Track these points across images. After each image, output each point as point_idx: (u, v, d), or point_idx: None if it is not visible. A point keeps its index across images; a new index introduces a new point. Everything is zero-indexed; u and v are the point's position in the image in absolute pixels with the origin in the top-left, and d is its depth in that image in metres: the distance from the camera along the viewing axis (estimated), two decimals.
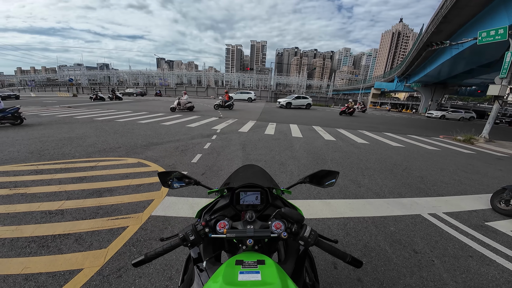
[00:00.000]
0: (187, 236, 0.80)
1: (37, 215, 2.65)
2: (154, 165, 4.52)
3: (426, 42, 19.40)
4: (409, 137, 10.21)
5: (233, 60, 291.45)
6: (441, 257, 2.33)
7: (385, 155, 6.44)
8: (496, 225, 3.03)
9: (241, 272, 0.68)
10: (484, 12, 13.38)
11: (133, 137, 6.84)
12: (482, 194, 4.08)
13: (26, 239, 2.24)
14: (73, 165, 4.28)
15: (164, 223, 2.62)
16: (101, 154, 5.02)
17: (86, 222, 2.56)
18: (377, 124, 15.17)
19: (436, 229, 2.84)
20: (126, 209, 2.86)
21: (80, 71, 65.66)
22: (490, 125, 10.82)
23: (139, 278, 1.84)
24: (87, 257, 2.05)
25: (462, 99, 61.09)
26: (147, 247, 2.22)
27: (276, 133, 8.75)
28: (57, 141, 5.95)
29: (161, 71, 68.14)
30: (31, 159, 4.50)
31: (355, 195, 3.68)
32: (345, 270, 2.05)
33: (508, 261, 2.32)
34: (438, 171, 5.29)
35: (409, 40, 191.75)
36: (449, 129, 13.84)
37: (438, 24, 16.39)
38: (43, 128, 7.59)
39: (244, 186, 1.03)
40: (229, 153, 5.61)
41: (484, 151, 8.42)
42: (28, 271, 1.86)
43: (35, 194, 3.13)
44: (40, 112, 12.17)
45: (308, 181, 1.21)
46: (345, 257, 0.80)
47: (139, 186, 3.52)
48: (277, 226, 0.82)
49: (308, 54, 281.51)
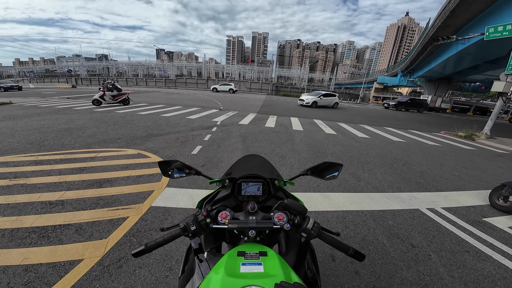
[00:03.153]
0: (188, 226, 0.79)
1: (38, 206, 2.66)
2: (154, 156, 4.52)
3: (432, 37, 18.99)
4: (410, 132, 10.17)
5: (234, 52, 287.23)
6: (438, 251, 2.35)
7: (386, 150, 6.43)
8: (493, 221, 3.05)
9: (243, 264, 0.67)
10: (493, 8, 13.04)
11: (133, 128, 6.81)
12: (481, 190, 4.09)
13: (26, 229, 2.25)
14: (73, 156, 4.28)
15: (164, 214, 2.64)
16: (101, 145, 5.01)
17: (86, 213, 2.57)
18: (379, 118, 15.08)
19: (434, 224, 2.86)
20: (126, 200, 2.88)
21: (79, 62, 64.78)
22: (492, 121, 10.74)
23: (139, 269, 1.87)
24: (87, 247, 2.06)
25: (465, 95, 60.49)
26: (148, 237, 2.24)
27: (276, 126, 8.71)
28: (56, 132, 5.94)
29: (161, 62, 67.23)
30: (31, 150, 4.49)
31: (355, 189, 3.69)
32: (342, 262, 2.07)
33: (504, 257, 2.34)
34: (438, 167, 5.29)
35: (414, 34, 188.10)
36: (451, 125, 13.76)
37: (445, 19, 15.99)
38: (42, 119, 7.56)
39: (246, 177, 1.02)
40: (229, 145, 5.60)
41: (485, 148, 8.39)
42: (28, 262, 1.86)
43: (35, 184, 3.14)
44: (40, 103, 12.10)
45: (310, 173, 1.20)
46: (347, 250, 0.79)
47: (139, 177, 3.52)
48: (280, 218, 0.81)
49: (311, 46, 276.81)
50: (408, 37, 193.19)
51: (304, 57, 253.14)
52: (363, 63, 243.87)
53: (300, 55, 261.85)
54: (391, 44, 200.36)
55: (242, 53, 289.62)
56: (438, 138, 9.44)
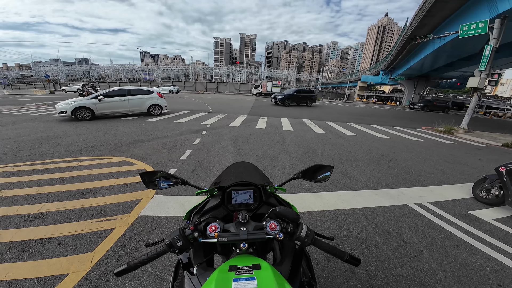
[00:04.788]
0: (174, 242, 0.74)
1: (16, 219, 2.49)
2: (141, 163, 4.35)
3: (410, 36, 19.89)
4: (394, 129, 10.52)
5: (222, 54, 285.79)
6: (429, 246, 2.40)
7: (372, 147, 6.60)
8: (478, 214, 3.17)
9: (235, 280, 0.63)
10: (467, 6, 13.82)
11: (116, 134, 6.54)
12: (464, 183, 4.27)
13: (6, 244, 2.12)
14: (52, 166, 4.03)
15: (153, 223, 2.53)
16: (83, 153, 4.76)
17: (69, 225, 2.42)
18: (364, 116, 15.51)
19: (422, 219, 2.94)
20: (111, 210, 2.73)
21: (57, 67, 62.08)
22: (469, 116, 11.35)
23: (129, 282, 1.77)
24: (72, 261, 1.95)
25: (443, 91, 63.78)
26: (136, 248, 2.13)
27: (267, 127, 8.71)
28: (33, 141, 5.58)
29: (146, 65, 65.60)
30: (6, 161, 4.19)
31: (346, 187, 3.74)
32: (338, 262, 2.07)
33: (493, 250, 2.40)
34: (422, 161, 5.48)
35: (394, 34, 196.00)
36: (432, 121, 14.39)
37: (422, 18, 16.80)
38: (18, 128, 7.09)
39: (235, 185, 0.98)
40: (220, 149, 5.51)
41: (464, 142, 8.84)
42: (12, 277, 1.77)
43: (11, 197, 2.93)
44: (15, 110, 11.37)
45: (301, 176, 1.18)
46: (343, 256, 0.77)
47: (125, 186, 3.37)
48: (272, 227, 0.78)
49: (298, 47, 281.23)
50: (388, 37, 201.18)
51: (292, 58, 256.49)
52: (347, 63, 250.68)
53: (288, 56, 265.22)
54: (372, 44, 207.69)
55: (230, 54, 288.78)
56: (420, 133, 9.83)
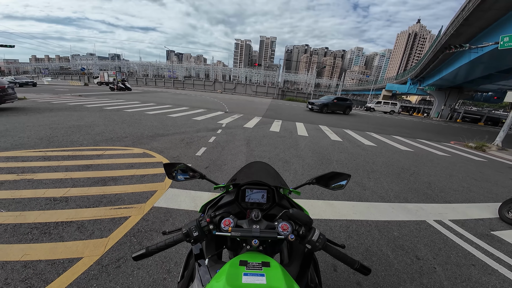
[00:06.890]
0: (190, 232, 0.78)
1: (42, 202, 2.69)
2: (159, 156, 4.55)
3: (444, 45, 18.68)
4: (419, 142, 9.95)
5: (241, 55, 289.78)
6: (444, 264, 2.27)
7: (393, 159, 6.30)
8: (502, 234, 2.94)
9: (245, 274, 0.65)
10: (508, 16, 12.75)
11: (140, 127, 6.91)
12: (490, 202, 3.95)
13: (28, 225, 2.26)
14: (80, 153, 4.35)
15: (166, 215, 2.64)
16: (108, 143, 5.09)
17: (89, 210, 2.59)
18: (386, 126, 14.85)
19: (440, 236, 2.76)
20: (129, 199, 2.89)
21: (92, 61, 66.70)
22: (504, 132, 10.41)
23: (137, 270, 1.85)
24: (87, 245, 2.06)
25: (477, 104, 59.02)
26: (148, 238, 2.23)
27: (281, 131, 8.68)
28: (66, 129, 6.07)
29: (170, 63, 68.41)
30: (40, 145, 4.60)
31: (360, 198, 3.61)
32: (344, 272, 2.01)
33: (510, 270, 2.26)
34: (447, 178, 5.14)
35: (425, 42, 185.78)
36: (460, 135, 13.42)
37: (458, 27, 15.73)
38: (53, 115, 7.76)
39: (250, 183, 1.00)
40: (233, 148, 5.59)
41: (496, 159, 8.13)
42: (28, 258, 1.86)
43: (41, 180, 3.19)
44: (52, 99, 12.44)
45: (316, 182, 1.15)
46: (353, 264, 0.76)
47: (143, 177, 3.55)
48: (284, 228, 0.79)
49: (319, 52, 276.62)
50: (419, 45, 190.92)
51: (312, 62, 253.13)
52: (371, 69, 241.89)
53: (308, 60, 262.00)
54: (401, 52, 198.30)
55: (249, 56, 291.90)
56: (447, 148, 9.21)
